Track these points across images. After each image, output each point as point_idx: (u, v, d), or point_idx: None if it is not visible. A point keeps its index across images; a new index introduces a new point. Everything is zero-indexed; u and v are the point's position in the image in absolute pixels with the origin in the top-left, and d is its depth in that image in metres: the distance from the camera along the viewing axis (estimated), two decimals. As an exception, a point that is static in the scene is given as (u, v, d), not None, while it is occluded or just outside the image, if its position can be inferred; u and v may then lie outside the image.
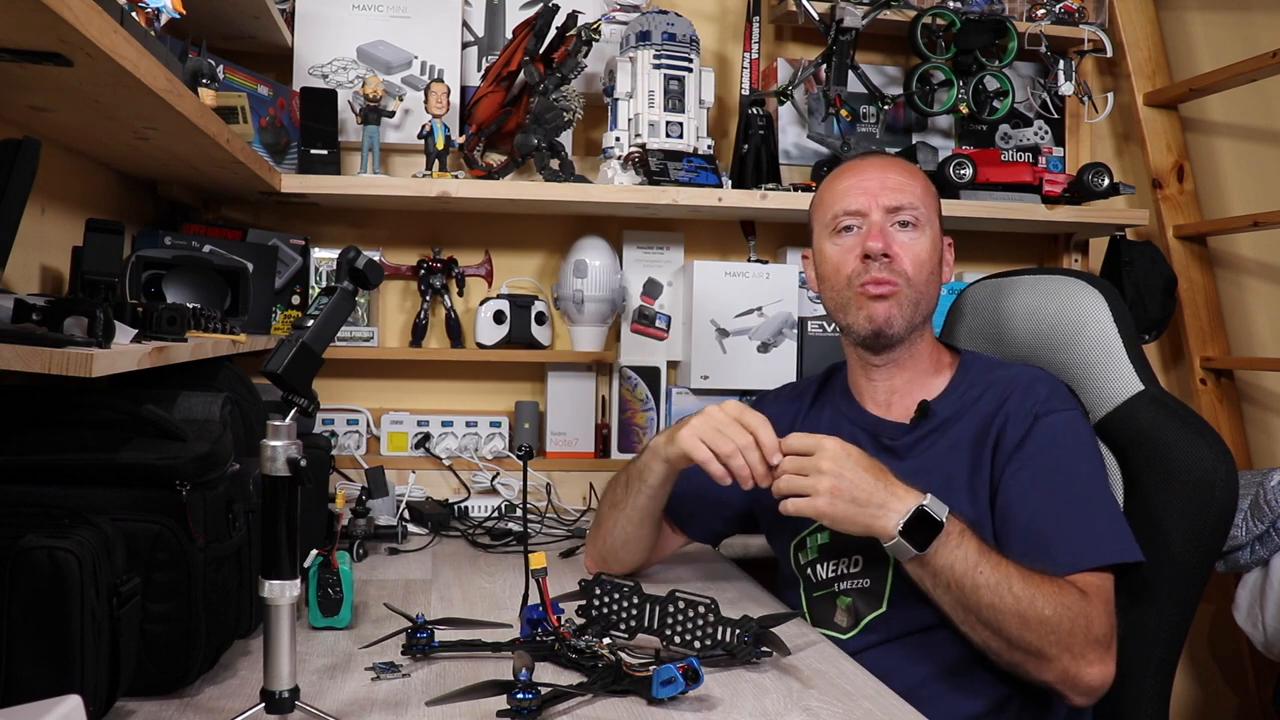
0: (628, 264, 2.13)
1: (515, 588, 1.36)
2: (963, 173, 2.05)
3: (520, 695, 0.95)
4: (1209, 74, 2.19)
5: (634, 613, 1.17)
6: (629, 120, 1.99)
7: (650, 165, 1.92)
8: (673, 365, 2.14)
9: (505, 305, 2.02)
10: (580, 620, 1.19)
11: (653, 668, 1.01)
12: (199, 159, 1.52)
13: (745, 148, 2.09)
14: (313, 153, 1.88)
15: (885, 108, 2.13)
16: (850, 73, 2.06)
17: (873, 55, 2.25)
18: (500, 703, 0.97)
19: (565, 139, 2.02)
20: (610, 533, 1.44)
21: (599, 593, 1.19)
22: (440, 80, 1.98)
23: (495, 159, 2.03)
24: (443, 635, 1.16)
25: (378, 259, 1.49)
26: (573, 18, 1.92)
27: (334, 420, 2.03)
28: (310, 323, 0.93)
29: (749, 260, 2.16)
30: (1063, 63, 2.13)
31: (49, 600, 0.85)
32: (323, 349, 0.93)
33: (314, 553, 1.22)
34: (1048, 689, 1.19)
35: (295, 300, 1.98)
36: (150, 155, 1.48)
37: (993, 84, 2.13)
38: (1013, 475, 1.28)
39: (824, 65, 2.06)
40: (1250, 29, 2.38)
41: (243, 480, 1.13)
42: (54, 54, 0.93)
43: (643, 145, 1.95)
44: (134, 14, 1.09)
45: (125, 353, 1.02)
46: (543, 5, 1.92)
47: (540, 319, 2.04)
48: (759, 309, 2.08)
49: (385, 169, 1.97)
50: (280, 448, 0.87)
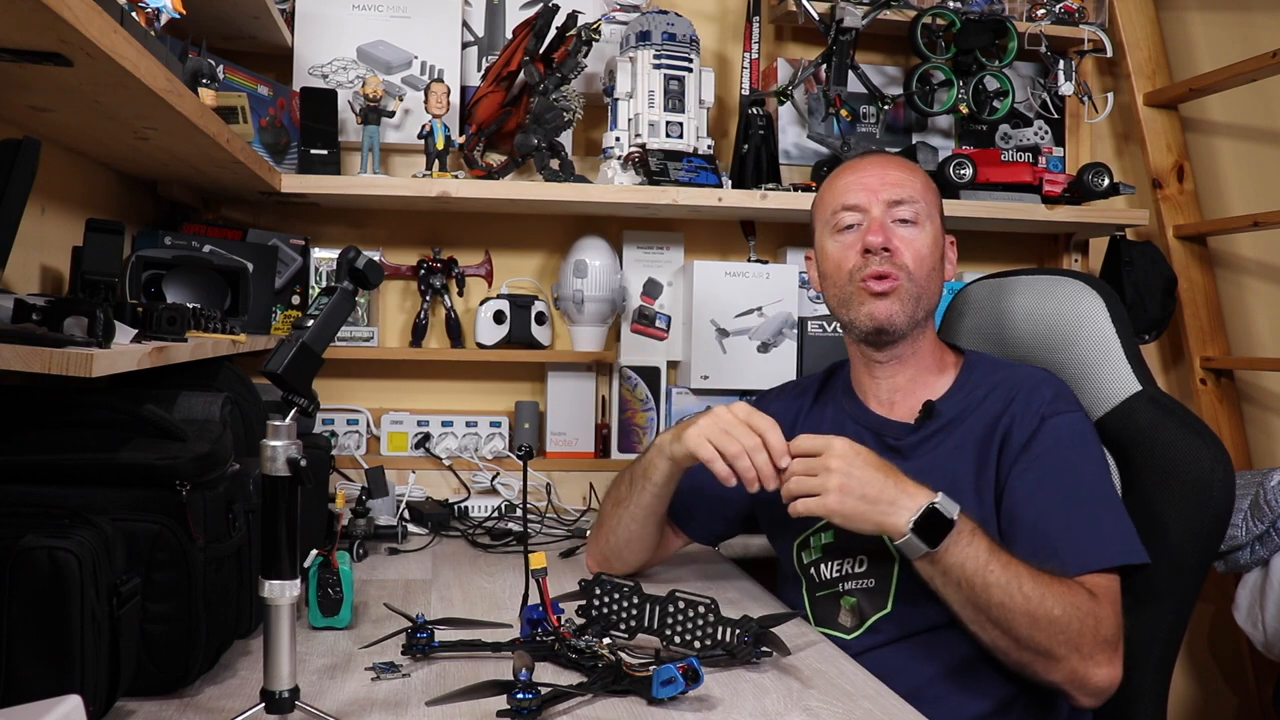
0: (628, 264, 2.13)
1: (515, 588, 1.36)
2: (963, 173, 2.05)
3: (520, 695, 0.95)
4: (1209, 74, 2.19)
5: (634, 613, 1.17)
6: (629, 120, 1.99)
7: (650, 165, 1.92)
8: (673, 365, 2.14)
9: (505, 305, 2.02)
10: (580, 620, 1.19)
11: (653, 668, 1.01)
12: (199, 159, 1.52)
13: (745, 148, 2.09)
14: (313, 153, 1.88)
15: (885, 108, 2.13)
16: (850, 73, 2.06)
17: (873, 55, 2.25)
18: (500, 703, 0.97)
19: (565, 139, 2.02)
20: (614, 531, 1.44)
21: (599, 593, 1.19)
22: (440, 80, 1.98)
23: (495, 159, 2.03)
24: (443, 635, 1.16)
25: (378, 259, 1.49)
26: (573, 18, 1.92)
27: (334, 420, 2.03)
28: (310, 323, 0.93)
29: (749, 260, 2.16)
30: (1063, 63, 2.13)
31: (49, 600, 0.85)
32: (323, 349, 0.93)
33: (314, 553, 1.22)
34: (1055, 689, 1.19)
35: (295, 300, 1.98)
36: (150, 155, 1.48)
37: (993, 84, 2.13)
38: (1019, 476, 1.27)
39: (824, 65, 2.06)
40: (1250, 29, 2.38)
41: (243, 480, 1.13)
42: (54, 54, 0.93)
43: (643, 145, 1.95)
44: (134, 14, 1.09)
45: (125, 353, 1.02)
46: (543, 5, 1.91)
47: (540, 319, 2.04)
48: (759, 309, 2.08)
49: (385, 169, 1.97)
50: (280, 448, 0.88)
